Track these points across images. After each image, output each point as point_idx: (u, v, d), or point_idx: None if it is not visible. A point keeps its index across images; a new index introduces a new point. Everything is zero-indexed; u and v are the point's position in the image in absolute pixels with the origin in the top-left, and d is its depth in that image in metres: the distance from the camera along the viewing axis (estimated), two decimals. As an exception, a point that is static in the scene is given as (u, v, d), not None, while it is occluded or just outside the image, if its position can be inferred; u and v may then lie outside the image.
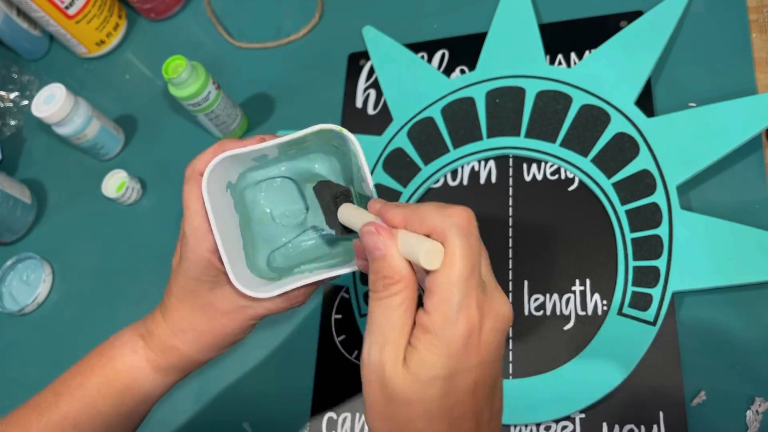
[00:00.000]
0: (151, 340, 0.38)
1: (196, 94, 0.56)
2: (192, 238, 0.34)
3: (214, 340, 0.37)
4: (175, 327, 0.37)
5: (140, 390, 0.38)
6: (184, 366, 0.38)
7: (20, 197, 0.65)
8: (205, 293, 0.36)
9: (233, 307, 0.36)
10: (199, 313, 0.36)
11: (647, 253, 0.45)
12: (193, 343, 0.37)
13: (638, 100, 0.50)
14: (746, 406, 0.40)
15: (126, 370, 0.38)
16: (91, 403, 0.37)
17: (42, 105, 0.60)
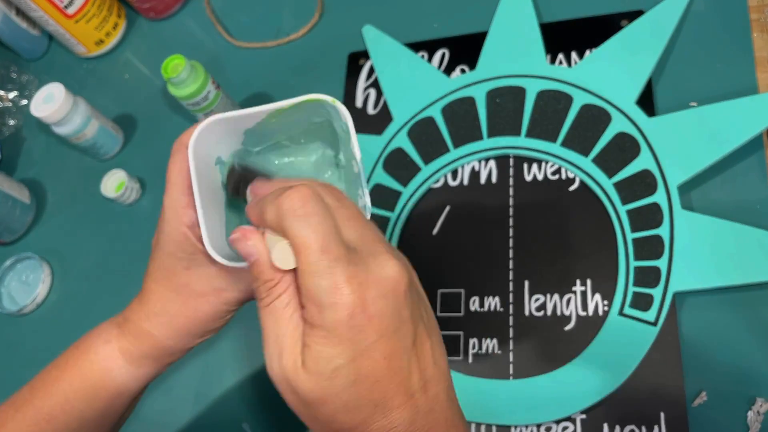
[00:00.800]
0: (126, 326, 0.36)
1: (196, 93, 0.56)
2: (170, 211, 0.33)
3: (188, 324, 0.35)
4: (149, 310, 0.35)
5: (113, 383, 0.36)
6: (157, 355, 0.36)
7: (19, 197, 0.65)
8: (181, 272, 0.34)
9: (209, 289, 0.34)
10: (173, 294, 0.34)
11: (648, 253, 0.45)
12: (167, 327, 0.35)
13: (639, 100, 0.49)
14: (747, 407, 0.40)
15: (99, 361, 0.36)
16: (64, 398, 0.36)
17: (41, 104, 0.60)
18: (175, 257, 0.33)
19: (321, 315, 0.25)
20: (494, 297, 0.48)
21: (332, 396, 0.25)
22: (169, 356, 0.36)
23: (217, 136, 0.34)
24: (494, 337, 0.47)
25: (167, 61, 0.55)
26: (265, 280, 0.27)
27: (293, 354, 0.26)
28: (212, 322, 0.35)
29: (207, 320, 0.35)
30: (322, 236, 0.25)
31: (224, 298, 0.34)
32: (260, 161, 0.38)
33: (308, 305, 0.25)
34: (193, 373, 0.54)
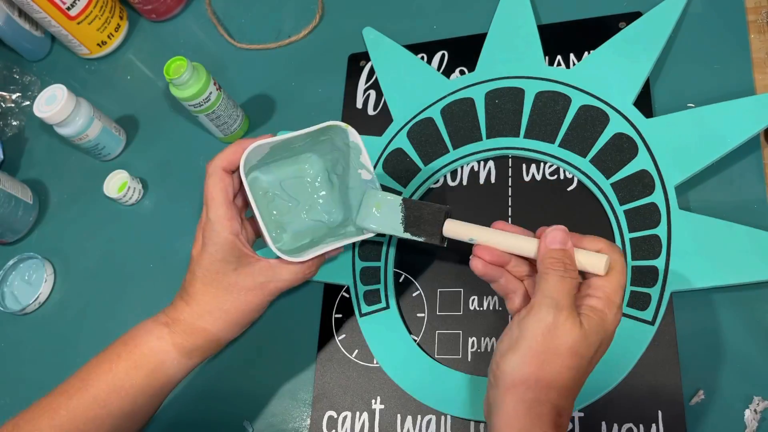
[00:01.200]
0: (176, 326, 0.41)
1: (198, 95, 0.56)
2: (218, 224, 0.40)
3: (239, 316, 0.41)
4: (201, 309, 0.41)
5: (166, 372, 0.41)
6: (208, 347, 0.42)
7: (22, 197, 0.65)
8: (230, 273, 0.40)
9: (256, 284, 0.41)
10: (224, 293, 0.40)
11: (646, 253, 0.45)
12: (221, 322, 0.41)
13: (637, 101, 0.50)
14: (745, 405, 0.41)
15: (153, 354, 0.41)
16: (119, 385, 0.40)
17: (44, 105, 0.60)
18: (224, 261, 0.40)
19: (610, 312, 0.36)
20: (493, 296, 0.48)
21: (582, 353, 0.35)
22: (217, 347, 0.43)
23: (253, 155, 0.42)
24: (493, 336, 0.47)
25: (169, 62, 0.56)
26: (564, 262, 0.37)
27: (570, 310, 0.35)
28: (258, 312, 0.42)
29: (255, 310, 0.42)
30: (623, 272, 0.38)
31: (269, 289, 0.41)
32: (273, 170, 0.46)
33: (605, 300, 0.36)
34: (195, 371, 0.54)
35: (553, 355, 0.34)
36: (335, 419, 0.49)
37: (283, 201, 0.47)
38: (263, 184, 0.46)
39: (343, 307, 0.52)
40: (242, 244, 0.41)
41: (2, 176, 0.64)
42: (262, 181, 0.46)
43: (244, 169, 0.40)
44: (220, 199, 0.40)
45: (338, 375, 0.50)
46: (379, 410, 0.48)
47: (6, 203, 0.63)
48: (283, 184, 0.47)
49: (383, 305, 0.51)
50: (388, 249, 0.52)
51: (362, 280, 0.52)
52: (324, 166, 0.48)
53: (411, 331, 0.50)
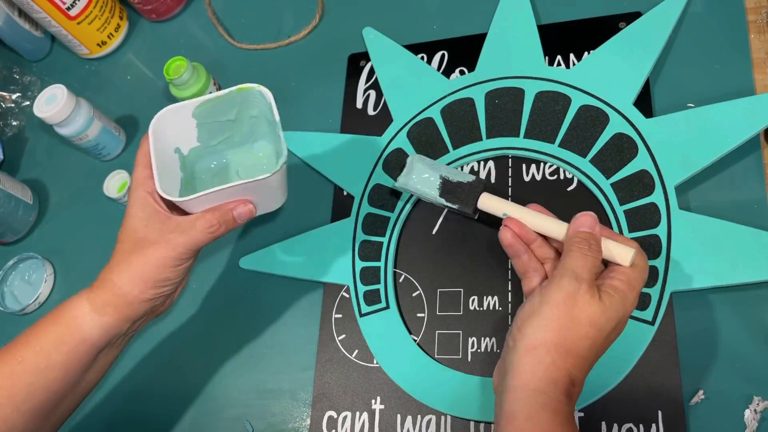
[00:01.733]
0: (95, 283, 0.43)
1: (197, 95, 0.56)
2: (135, 182, 0.42)
3: (144, 269, 0.41)
4: (113, 263, 0.42)
5: (78, 328, 0.42)
6: (117, 302, 0.42)
7: (22, 197, 0.65)
8: (141, 229, 0.42)
9: (161, 238, 0.41)
10: (133, 246, 0.42)
11: (646, 253, 0.45)
12: (125, 273, 0.41)
13: (637, 101, 0.50)
14: (745, 405, 0.41)
15: (68, 310, 0.42)
16: (36, 343, 0.41)
17: (44, 105, 0.60)
18: (137, 218, 0.42)
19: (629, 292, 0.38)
20: (493, 296, 0.48)
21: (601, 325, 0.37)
22: (127, 305, 0.42)
23: (174, 127, 0.44)
24: (493, 336, 0.47)
25: (169, 62, 0.56)
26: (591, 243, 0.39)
27: (591, 285, 0.37)
28: (163, 269, 0.42)
29: (159, 264, 0.42)
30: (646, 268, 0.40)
31: (173, 243, 0.42)
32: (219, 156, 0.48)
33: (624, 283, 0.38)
34: (196, 372, 0.55)
35: (573, 322, 0.36)
36: (335, 419, 0.49)
37: None
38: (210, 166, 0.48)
39: (342, 308, 0.52)
40: (155, 201, 0.42)
41: (2, 176, 0.64)
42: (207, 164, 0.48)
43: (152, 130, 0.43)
44: (141, 161, 0.43)
45: (338, 375, 0.50)
46: (379, 410, 0.48)
47: (6, 203, 0.63)
48: (240, 172, 0.48)
49: (383, 305, 0.51)
50: (388, 249, 0.52)
51: (362, 280, 0.52)
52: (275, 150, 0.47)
53: (411, 331, 0.50)
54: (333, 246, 0.54)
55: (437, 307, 0.50)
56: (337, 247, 0.53)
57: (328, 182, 0.57)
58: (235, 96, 0.45)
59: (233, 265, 0.57)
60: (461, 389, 0.46)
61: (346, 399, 0.49)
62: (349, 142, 0.57)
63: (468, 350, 0.48)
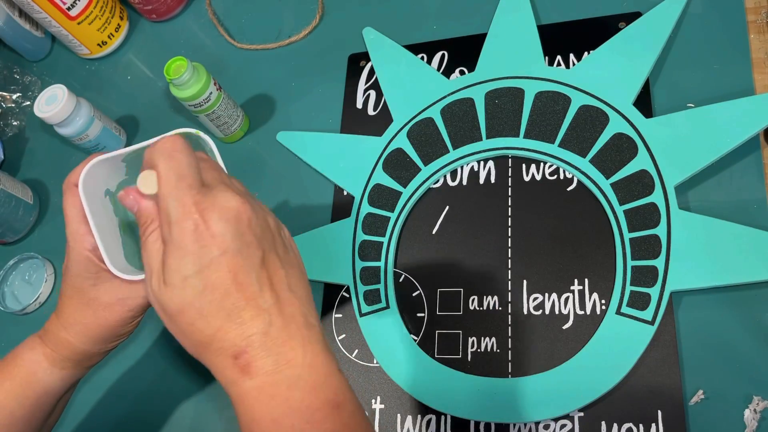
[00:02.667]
0: (47, 336, 0.42)
1: (198, 95, 0.56)
2: (72, 240, 0.39)
3: (100, 331, 0.40)
4: (65, 322, 0.41)
5: (40, 383, 0.41)
6: (77, 358, 0.41)
7: (22, 197, 0.65)
8: (89, 289, 0.40)
9: (114, 300, 0.40)
10: (84, 307, 0.40)
11: (645, 253, 0.45)
12: (82, 335, 0.40)
13: (637, 101, 0.50)
14: (744, 405, 0.41)
15: (26, 365, 0.41)
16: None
17: (44, 105, 0.60)
18: (82, 277, 0.39)
19: (170, 231, 0.30)
20: (493, 296, 0.48)
21: (187, 304, 0.30)
22: (88, 359, 0.42)
23: (103, 170, 0.41)
24: (493, 336, 0.47)
25: (169, 62, 0.56)
26: (142, 222, 0.33)
27: (158, 274, 0.31)
28: (120, 328, 0.41)
29: (116, 326, 0.41)
30: (181, 169, 0.31)
31: (128, 305, 0.40)
32: None
33: (164, 226, 0.31)
34: (195, 375, 0.55)
35: None
36: (335, 419, 0.49)
37: None
38: None
39: (342, 308, 0.52)
40: (98, 260, 0.39)
41: (2, 176, 0.64)
42: None
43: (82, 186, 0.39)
44: (72, 215, 0.39)
45: (338, 375, 0.50)
46: (379, 410, 0.48)
47: (6, 203, 0.63)
48: None
49: (383, 305, 0.51)
50: (388, 249, 0.52)
51: (362, 280, 0.52)
52: None
53: (411, 331, 0.50)
54: (333, 246, 0.54)
55: (437, 307, 0.50)
56: (337, 247, 0.54)
57: (328, 182, 0.57)
58: None
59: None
60: (461, 389, 0.46)
61: (346, 399, 0.49)
62: (349, 142, 0.57)
63: (468, 350, 0.48)
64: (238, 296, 0.30)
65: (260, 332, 0.30)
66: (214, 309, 0.30)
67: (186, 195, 0.31)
